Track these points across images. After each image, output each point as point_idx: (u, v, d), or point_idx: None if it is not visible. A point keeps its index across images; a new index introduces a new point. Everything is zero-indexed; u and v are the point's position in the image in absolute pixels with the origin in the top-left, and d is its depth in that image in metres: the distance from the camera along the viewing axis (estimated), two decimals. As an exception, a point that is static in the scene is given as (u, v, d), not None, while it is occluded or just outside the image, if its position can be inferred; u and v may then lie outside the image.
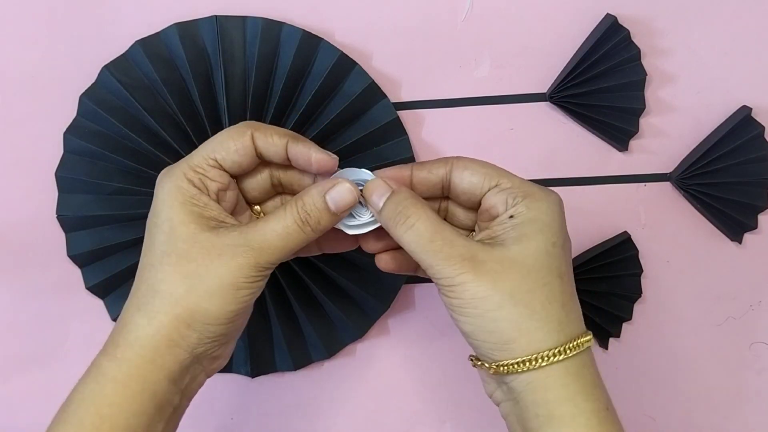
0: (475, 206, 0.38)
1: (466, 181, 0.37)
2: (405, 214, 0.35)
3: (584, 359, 0.35)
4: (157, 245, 0.35)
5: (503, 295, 0.34)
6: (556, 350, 0.34)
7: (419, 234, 0.35)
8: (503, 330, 0.34)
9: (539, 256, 0.34)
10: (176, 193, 0.36)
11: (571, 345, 0.34)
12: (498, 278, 0.34)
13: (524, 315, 0.34)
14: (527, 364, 0.34)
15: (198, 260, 0.35)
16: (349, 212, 0.37)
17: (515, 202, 0.36)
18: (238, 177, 0.38)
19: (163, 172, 0.37)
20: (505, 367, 0.34)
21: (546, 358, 0.34)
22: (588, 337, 0.35)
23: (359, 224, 0.38)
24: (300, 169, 0.39)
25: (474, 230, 0.39)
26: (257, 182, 0.39)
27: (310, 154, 0.37)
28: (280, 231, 0.35)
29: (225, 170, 0.37)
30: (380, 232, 0.38)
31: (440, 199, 0.39)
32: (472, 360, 0.37)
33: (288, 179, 0.39)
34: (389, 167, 0.38)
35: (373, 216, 0.38)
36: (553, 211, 0.35)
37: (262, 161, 0.38)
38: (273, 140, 0.37)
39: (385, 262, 0.40)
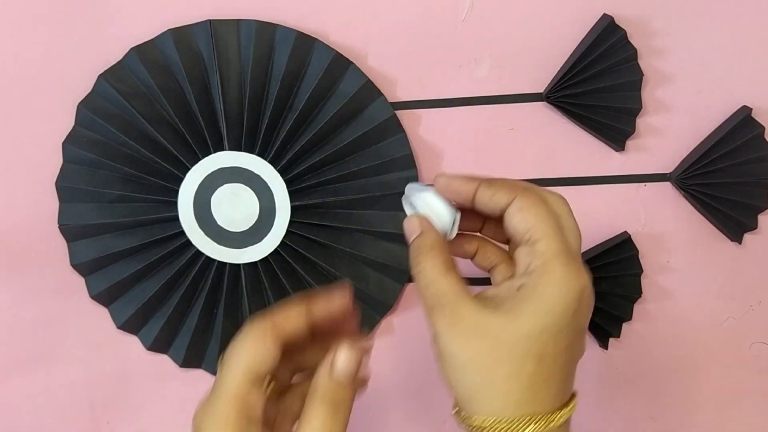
0: (512, 253, 0.38)
1: (514, 222, 0.36)
2: (417, 260, 0.36)
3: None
4: None
5: (468, 358, 0.34)
6: (509, 420, 0.33)
7: (422, 277, 0.36)
8: (466, 386, 0.34)
9: (519, 338, 0.33)
10: (234, 403, 0.34)
11: (528, 421, 0.34)
12: (470, 341, 0.34)
13: (483, 382, 0.34)
14: (484, 427, 0.34)
15: None
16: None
17: (531, 270, 0.34)
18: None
19: (200, 407, 0.35)
20: (464, 417, 0.35)
21: (500, 425, 0.34)
22: (564, 413, 0.34)
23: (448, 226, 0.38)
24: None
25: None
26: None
27: (333, 305, 0.37)
28: None
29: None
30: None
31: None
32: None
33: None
34: (458, 176, 0.37)
35: (453, 219, 0.37)
36: (563, 299, 0.34)
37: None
38: (295, 324, 0.36)
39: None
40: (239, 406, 0.34)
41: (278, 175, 0.49)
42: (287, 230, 0.50)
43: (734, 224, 0.49)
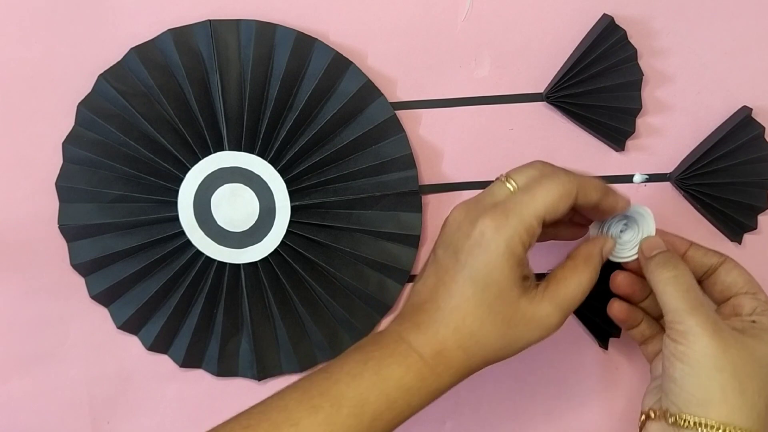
0: (720, 298, 0.43)
1: (731, 277, 0.42)
2: (674, 264, 0.41)
3: None
4: (484, 302, 0.38)
5: (728, 363, 0.37)
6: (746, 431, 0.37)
7: (680, 282, 0.40)
8: (712, 389, 0.38)
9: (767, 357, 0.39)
10: (509, 257, 0.38)
11: None
12: (729, 348, 0.38)
13: (736, 389, 0.37)
14: (715, 428, 0.37)
15: (519, 327, 0.39)
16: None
17: (762, 312, 0.41)
18: None
19: (496, 218, 0.38)
20: (695, 423, 0.38)
21: (731, 431, 0.37)
22: None
23: (619, 257, 0.45)
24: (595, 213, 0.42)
25: None
26: None
27: (617, 205, 0.41)
28: (583, 292, 0.41)
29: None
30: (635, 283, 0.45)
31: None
32: (651, 413, 0.41)
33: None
34: (673, 234, 0.44)
35: (633, 256, 0.44)
36: None
37: None
38: (591, 196, 0.40)
39: (617, 310, 0.46)
40: (531, 233, 0.38)
41: (278, 175, 0.49)
42: (287, 230, 0.50)
43: (734, 224, 0.49)
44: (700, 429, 0.37)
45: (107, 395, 0.53)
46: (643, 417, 0.42)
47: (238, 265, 0.50)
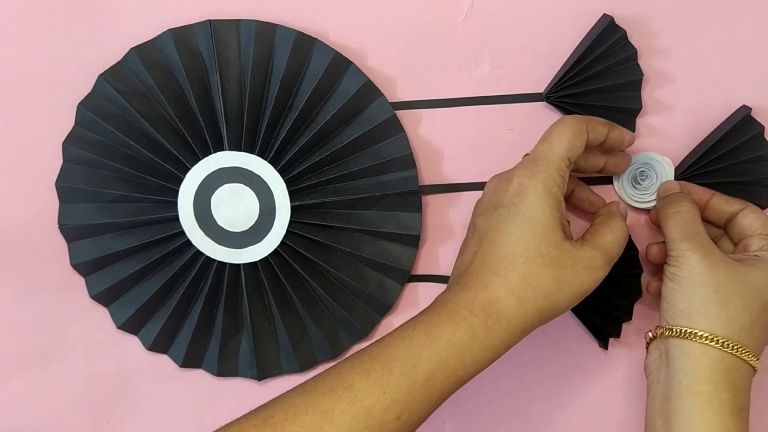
0: (736, 240, 0.47)
1: (747, 220, 0.46)
2: (678, 202, 0.45)
3: (742, 370, 0.41)
4: (531, 243, 0.41)
5: (710, 280, 0.41)
6: (724, 340, 0.41)
7: (681, 216, 0.44)
8: (695, 302, 0.42)
9: (757, 284, 0.42)
10: (547, 198, 0.41)
11: (738, 348, 0.41)
12: (715, 268, 0.42)
13: (717, 303, 0.41)
14: (695, 336, 0.41)
15: (567, 267, 0.41)
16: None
17: (765, 249, 0.44)
18: None
19: (528, 168, 0.42)
20: (678, 331, 0.42)
21: (711, 339, 0.41)
22: (756, 362, 0.42)
23: (641, 197, 0.49)
24: (603, 149, 0.46)
25: None
26: None
27: (624, 137, 0.45)
28: (619, 240, 0.43)
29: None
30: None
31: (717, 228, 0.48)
32: (650, 332, 0.45)
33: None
34: (697, 186, 0.48)
35: (653, 201, 0.49)
36: None
37: None
38: (599, 130, 0.44)
39: (656, 252, 0.48)
40: (561, 174, 0.42)
41: (278, 175, 0.49)
42: (287, 230, 0.50)
43: (734, 224, 0.49)
44: (683, 337, 0.41)
45: (107, 395, 0.53)
46: (646, 342, 0.45)
47: (238, 265, 0.50)
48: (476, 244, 0.42)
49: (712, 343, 0.41)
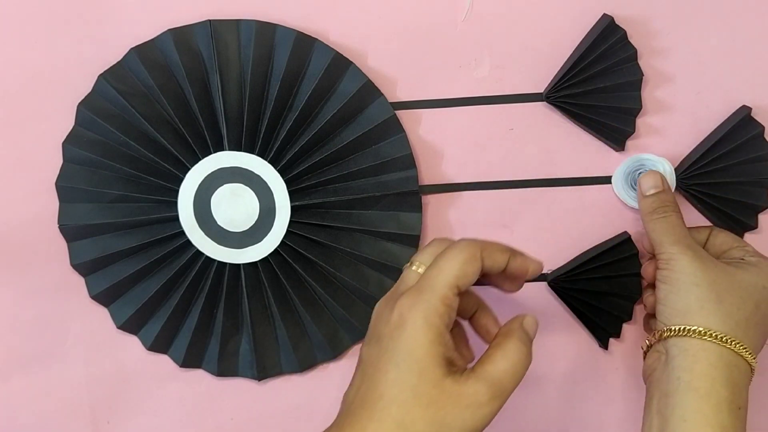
0: (714, 256, 0.46)
1: (720, 239, 0.47)
2: (665, 209, 0.46)
3: (741, 367, 0.41)
4: (407, 384, 0.37)
5: (704, 278, 0.42)
6: (721, 335, 0.41)
7: (670, 222, 0.45)
8: (690, 301, 0.42)
9: (749, 283, 0.43)
10: (427, 331, 0.37)
11: (736, 344, 0.41)
12: (707, 268, 0.43)
13: (713, 300, 0.42)
14: (693, 333, 0.41)
15: (447, 408, 0.37)
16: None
17: (751, 256, 0.45)
18: None
19: (410, 296, 0.38)
20: (676, 330, 0.42)
21: (709, 335, 0.41)
22: (752, 359, 0.42)
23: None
24: (503, 278, 0.43)
25: None
26: None
27: (527, 266, 0.42)
28: (513, 366, 0.39)
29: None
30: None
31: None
32: (647, 341, 0.45)
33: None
34: None
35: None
36: None
37: None
38: (497, 258, 0.40)
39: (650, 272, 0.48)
40: (447, 303, 0.38)
41: (278, 175, 0.49)
42: (287, 230, 0.50)
43: (734, 224, 0.49)
44: (681, 335, 0.42)
45: (107, 395, 0.53)
46: (643, 351, 0.45)
47: (238, 265, 0.50)
48: (359, 379, 0.39)
49: (711, 339, 0.41)
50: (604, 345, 0.51)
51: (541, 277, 0.51)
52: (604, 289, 0.50)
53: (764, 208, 0.49)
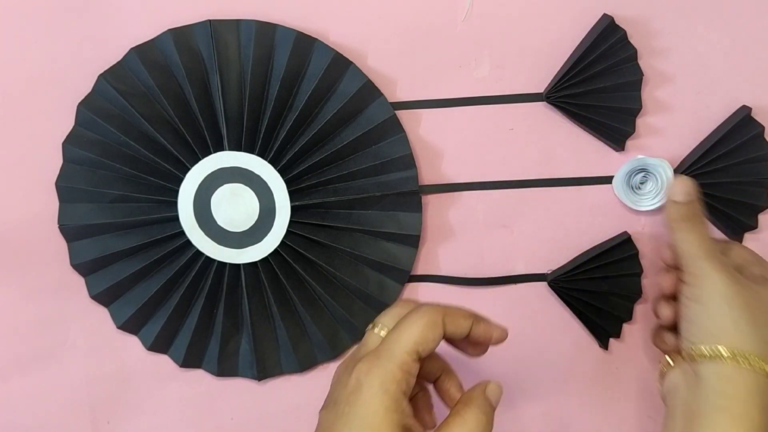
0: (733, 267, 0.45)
1: (734, 252, 0.46)
2: (698, 219, 0.44)
3: None
4: None
5: (737, 298, 0.41)
6: (759, 361, 0.39)
7: (700, 234, 0.44)
8: (724, 322, 0.41)
9: None
10: (383, 398, 0.36)
11: None
12: (740, 288, 0.41)
13: (748, 321, 0.40)
14: (729, 357, 0.40)
15: None
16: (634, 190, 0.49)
17: (766, 273, 0.44)
18: None
19: (368, 361, 0.38)
20: (709, 354, 0.40)
21: (745, 360, 0.39)
22: None
23: (643, 202, 0.49)
24: (466, 343, 0.42)
25: None
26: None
27: (491, 332, 0.41)
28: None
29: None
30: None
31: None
32: (668, 358, 0.43)
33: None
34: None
35: (657, 202, 0.48)
36: None
37: None
38: (460, 324, 0.40)
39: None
40: (405, 369, 0.37)
41: (278, 175, 0.49)
42: (287, 230, 0.50)
43: (734, 223, 0.49)
44: (714, 357, 0.40)
45: (107, 395, 0.53)
46: (662, 366, 0.44)
47: (238, 265, 0.50)
48: None
49: (747, 364, 0.40)
50: (604, 345, 0.51)
51: (541, 277, 0.51)
52: (604, 289, 0.50)
53: (764, 208, 0.49)
